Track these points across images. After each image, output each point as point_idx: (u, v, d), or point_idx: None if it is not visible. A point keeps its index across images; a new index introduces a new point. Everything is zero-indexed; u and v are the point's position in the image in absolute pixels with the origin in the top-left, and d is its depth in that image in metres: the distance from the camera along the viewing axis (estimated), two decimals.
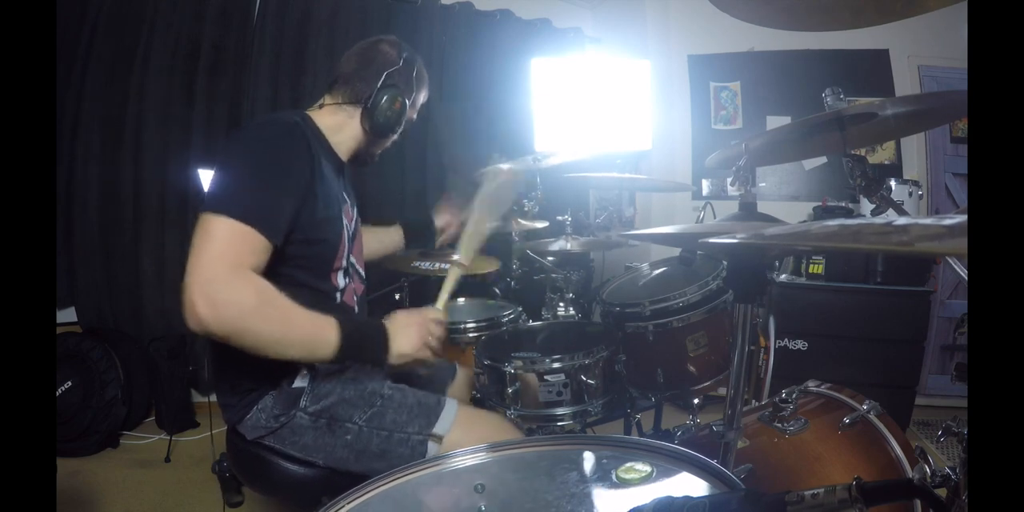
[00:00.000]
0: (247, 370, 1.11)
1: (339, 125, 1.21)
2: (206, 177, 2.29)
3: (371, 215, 2.85)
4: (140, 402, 2.57)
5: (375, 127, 1.21)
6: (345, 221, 1.19)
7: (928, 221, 0.42)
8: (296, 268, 1.09)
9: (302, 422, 1.11)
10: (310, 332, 0.98)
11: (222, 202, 0.95)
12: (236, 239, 0.93)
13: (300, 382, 1.12)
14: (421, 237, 1.59)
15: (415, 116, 1.31)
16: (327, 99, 1.23)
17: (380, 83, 1.19)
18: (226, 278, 0.89)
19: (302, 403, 1.11)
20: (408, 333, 1.08)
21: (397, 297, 1.96)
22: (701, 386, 1.45)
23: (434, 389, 1.40)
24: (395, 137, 1.29)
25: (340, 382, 1.15)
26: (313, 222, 1.08)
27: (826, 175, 3.08)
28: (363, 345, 1.04)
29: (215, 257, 0.90)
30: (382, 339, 1.05)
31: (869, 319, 2.43)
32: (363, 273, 1.30)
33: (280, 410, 1.10)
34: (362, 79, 1.20)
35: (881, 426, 1.09)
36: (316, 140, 1.14)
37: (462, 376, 1.49)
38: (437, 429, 1.11)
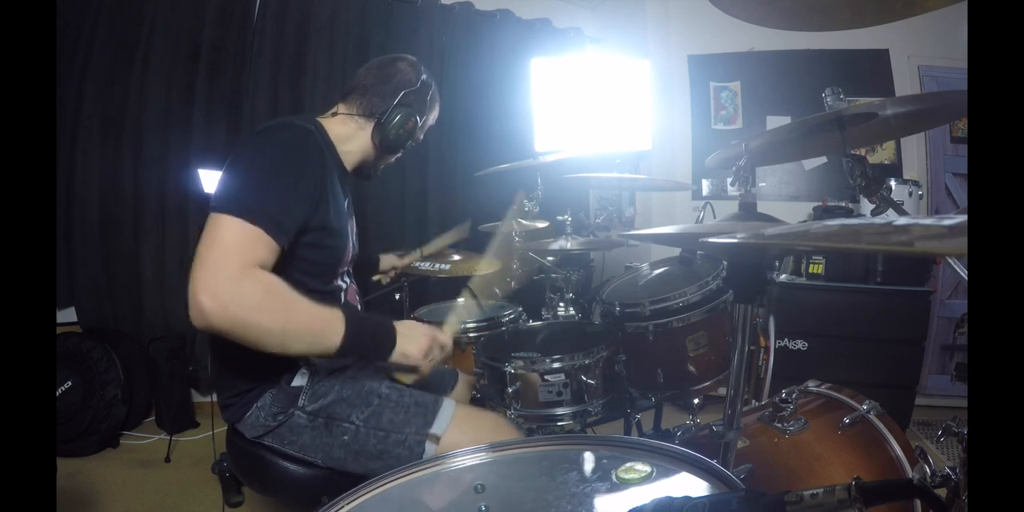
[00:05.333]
0: (247, 368, 1.11)
1: (349, 135, 1.23)
2: (206, 177, 2.30)
3: (372, 218, 2.89)
4: (140, 402, 2.57)
5: (384, 142, 1.24)
6: (350, 226, 1.21)
7: (928, 221, 0.42)
8: (304, 273, 1.09)
9: (300, 421, 1.11)
10: (316, 326, 0.98)
11: (231, 202, 0.96)
12: (243, 239, 0.93)
13: (299, 380, 1.13)
14: (363, 272, 1.68)
15: (421, 137, 1.33)
16: (341, 108, 1.24)
17: (396, 101, 1.22)
18: (232, 276, 0.90)
19: (300, 402, 1.11)
20: (416, 338, 1.09)
21: (397, 297, 1.96)
22: (701, 386, 1.45)
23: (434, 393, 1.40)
24: (399, 155, 1.33)
25: (339, 381, 1.15)
26: (324, 228, 1.09)
27: (826, 175, 3.08)
28: (369, 341, 1.04)
29: (222, 256, 0.91)
30: (389, 337, 1.06)
31: (869, 319, 2.43)
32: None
33: (279, 408, 1.11)
34: (378, 94, 1.23)
35: (881, 426, 1.09)
36: (328, 149, 1.15)
37: (463, 382, 1.48)
38: (434, 429, 1.11)
